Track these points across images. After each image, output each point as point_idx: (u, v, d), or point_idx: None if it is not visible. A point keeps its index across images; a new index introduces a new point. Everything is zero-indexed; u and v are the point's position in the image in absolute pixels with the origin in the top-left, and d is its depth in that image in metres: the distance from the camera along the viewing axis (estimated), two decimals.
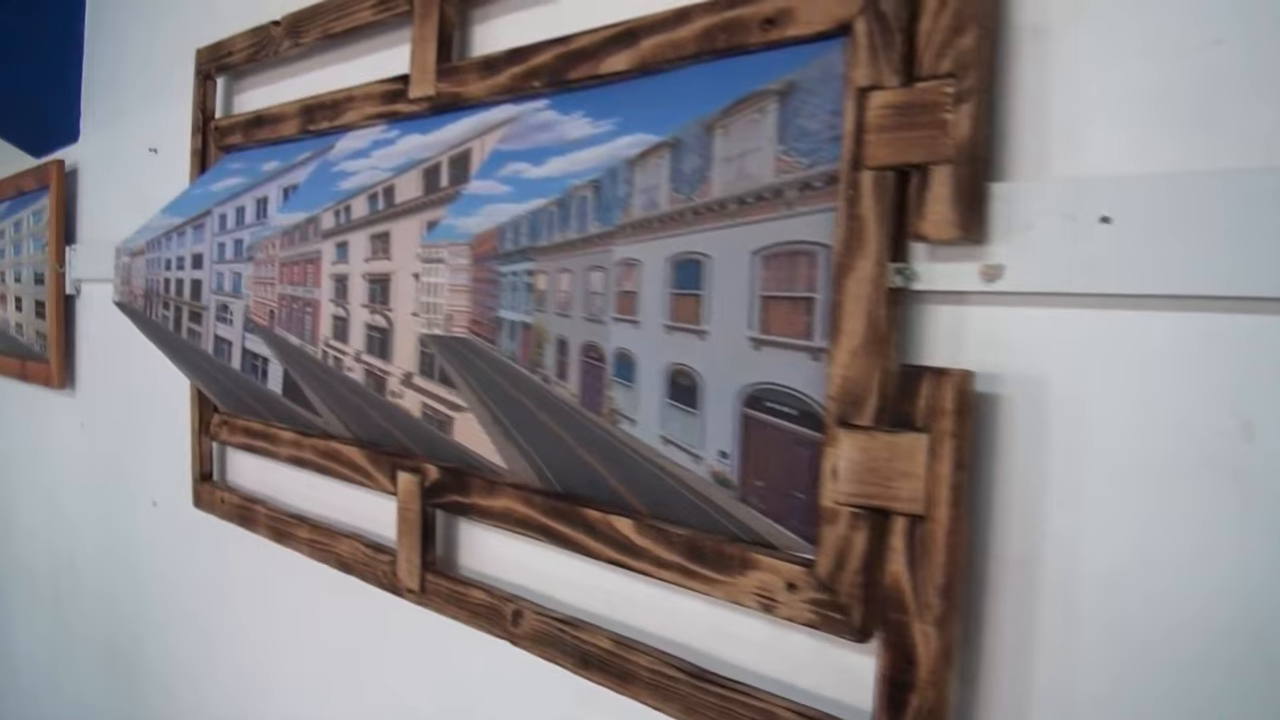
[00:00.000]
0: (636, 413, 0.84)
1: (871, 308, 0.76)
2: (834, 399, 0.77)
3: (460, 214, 0.93)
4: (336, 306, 1.16)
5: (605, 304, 0.85)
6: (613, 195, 0.84)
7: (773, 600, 0.82)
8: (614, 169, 0.83)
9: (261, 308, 1.25)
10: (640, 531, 0.92)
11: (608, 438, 0.86)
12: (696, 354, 0.80)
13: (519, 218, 0.88)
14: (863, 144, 0.76)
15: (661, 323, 0.81)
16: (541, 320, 0.88)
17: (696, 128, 0.80)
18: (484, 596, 1.11)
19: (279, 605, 1.58)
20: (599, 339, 0.85)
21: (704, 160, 0.80)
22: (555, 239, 0.87)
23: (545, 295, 0.88)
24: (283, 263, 1.22)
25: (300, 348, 1.20)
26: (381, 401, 1.12)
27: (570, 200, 0.85)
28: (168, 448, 1.85)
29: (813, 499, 0.79)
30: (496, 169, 0.95)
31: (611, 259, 0.84)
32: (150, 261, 1.50)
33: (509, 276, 0.89)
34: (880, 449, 0.75)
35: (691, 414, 0.81)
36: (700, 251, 0.79)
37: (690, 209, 0.80)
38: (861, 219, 0.76)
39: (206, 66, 1.63)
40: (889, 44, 0.76)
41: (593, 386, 0.86)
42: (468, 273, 0.92)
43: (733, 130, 0.79)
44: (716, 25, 0.87)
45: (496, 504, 1.08)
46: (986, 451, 0.76)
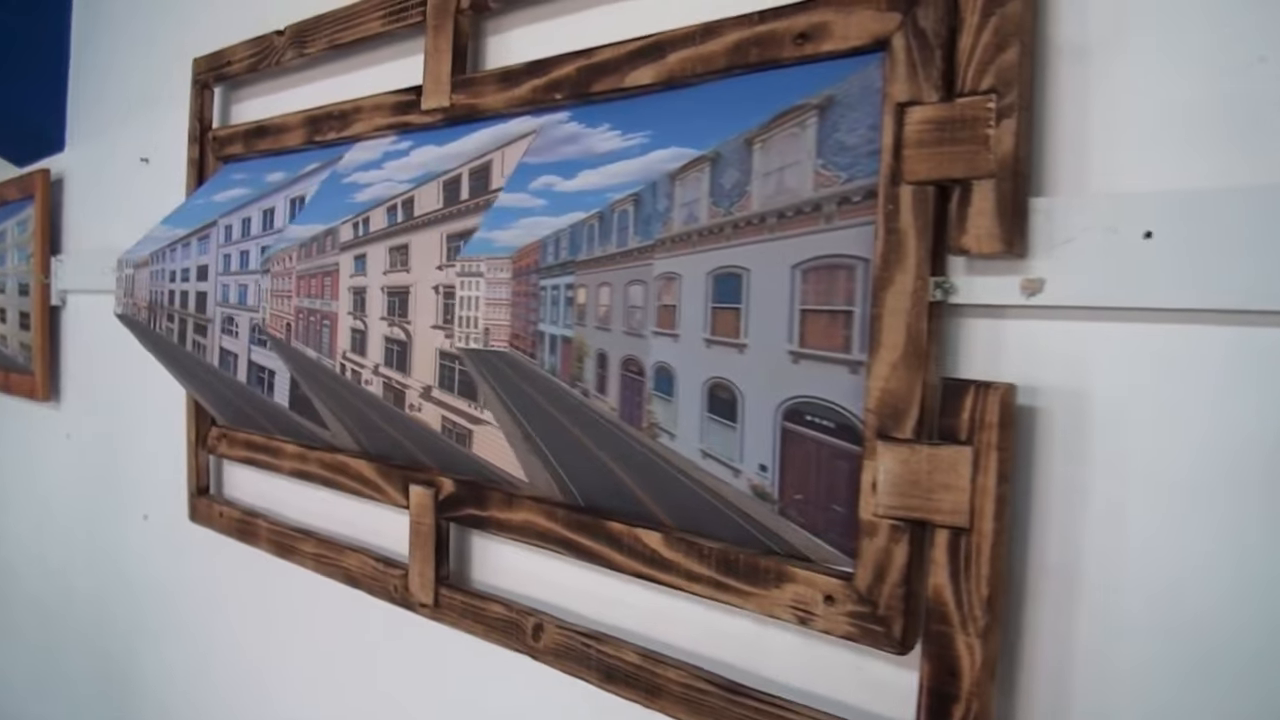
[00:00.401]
0: (676, 426, 0.83)
1: (912, 321, 0.76)
2: (873, 412, 0.78)
3: (495, 227, 0.93)
4: (355, 319, 1.15)
5: (645, 318, 0.85)
6: (653, 209, 0.84)
7: (809, 613, 0.82)
8: (654, 183, 0.83)
9: (278, 320, 1.24)
10: (669, 545, 0.92)
11: (644, 451, 0.86)
12: (736, 368, 0.80)
13: (560, 231, 0.87)
14: (901, 159, 0.77)
15: (701, 336, 0.81)
16: (582, 334, 0.88)
17: (736, 142, 0.80)
18: (502, 610, 1.11)
19: (281, 620, 1.56)
20: (639, 353, 0.85)
21: (743, 174, 0.80)
22: (596, 253, 0.86)
23: (585, 309, 0.88)
24: (299, 275, 1.20)
25: (317, 361, 1.19)
26: (399, 415, 1.11)
27: (611, 214, 0.85)
28: (159, 461, 1.82)
29: (851, 512, 0.79)
30: (527, 182, 0.95)
31: (651, 273, 0.84)
32: (154, 273, 1.48)
33: (550, 290, 0.89)
34: (922, 462, 0.75)
35: (731, 428, 0.81)
36: (740, 265, 0.79)
37: (730, 223, 0.80)
38: (901, 233, 0.76)
39: (204, 76, 1.62)
40: (928, 60, 0.76)
41: (632, 400, 0.86)
42: (508, 286, 0.91)
43: (772, 144, 0.79)
44: (748, 39, 0.87)
45: (516, 517, 1.07)
46: (1024, 463, 0.76)
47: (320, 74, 1.46)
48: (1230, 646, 0.68)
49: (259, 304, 1.26)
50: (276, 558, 1.48)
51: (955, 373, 0.78)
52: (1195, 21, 0.69)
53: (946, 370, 0.79)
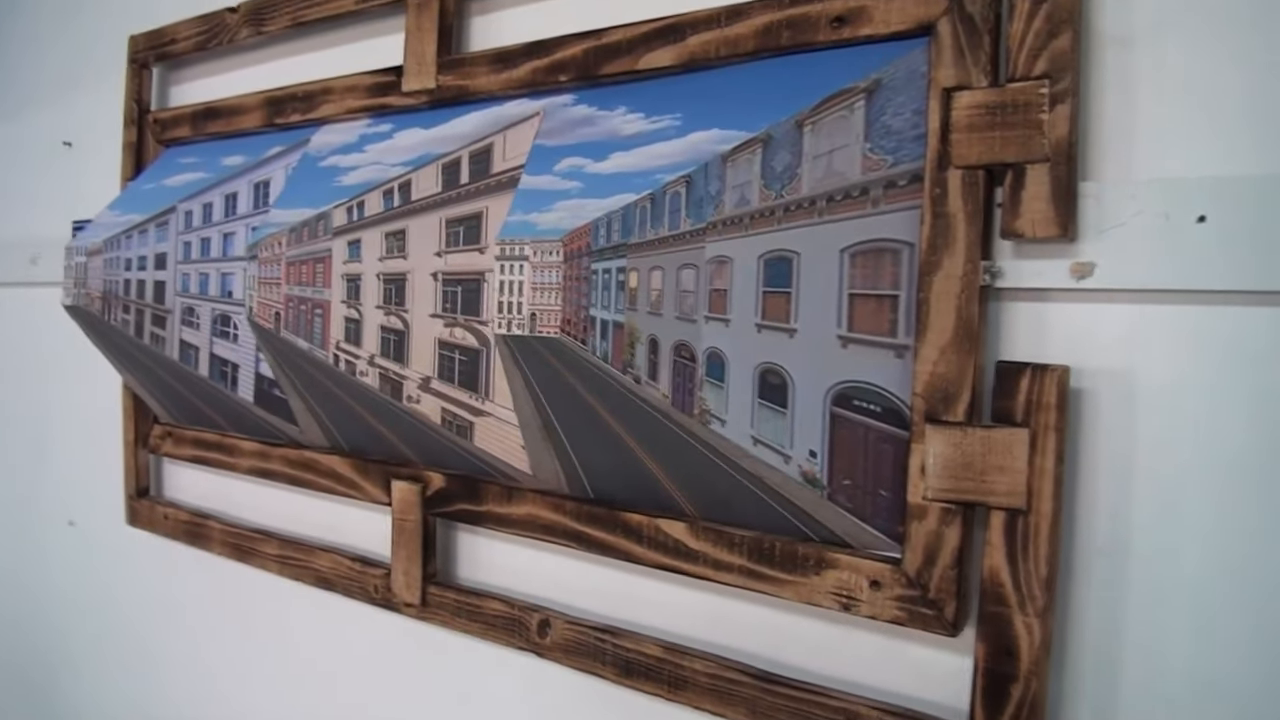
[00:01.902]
0: (727, 413, 0.82)
1: (962, 305, 0.76)
2: (921, 396, 0.77)
3: (532, 209, 0.89)
4: (349, 308, 1.09)
5: (697, 302, 0.82)
6: (704, 191, 0.82)
7: (853, 599, 0.81)
8: (706, 164, 0.81)
9: (266, 309, 1.17)
10: (695, 534, 0.90)
11: (688, 439, 0.84)
12: (786, 353, 0.79)
13: (611, 213, 0.84)
14: (949, 143, 0.76)
15: (753, 321, 0.80)
16: (633, 319, 0.85)
17: (788, 124, 0.79)
18: (502, 607, 1.07)
19: (240, 627, 1.48)
20: (691, 338, 0.83)
21: (794, 156, 0.78)
22: (648, 235, 0.84)
23: (637, 293, 0.85)
24: (289, 261, 1.14)
25: (309, 352, 1.13)
26: (394, 408, 1.06)
27: (663, 195, 0.83)
28: (87, 463, 1.71)
29: (897, 496, 0.78)
30: (550, 164, 0.91)
31: (703, 256, 0.82)
32: (109, 261, 1.38)
33: (601, 274, 0.86)
34: (975, 444, 0.75)
35: (781, 413, 0.79)
36: (790, 249, 0.78)
37: (781, 206, 0.78)
38: (949, 217, 0.76)
39: (142, 55, 1.52)
40: (976, 45, 0.76)
41: (684, 386, 0.83)
42: (558, 270, 0.87)
43: (822, 127, 0.78)
44: (779, 22, 0.86)
45: (517, 511, 1.04)
46: (1070, 444, 0.77)
47: (277, 54, 1.39)
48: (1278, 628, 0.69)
49: (245, 291, 1.19)
50: (233, 561, 1.40)
51: (999, 356, 0.78)
52: (1241, 7, 0.71)
53: (990, 354, 0.79)
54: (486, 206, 0.99)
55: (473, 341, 0.99)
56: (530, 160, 0.93)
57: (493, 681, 1.13)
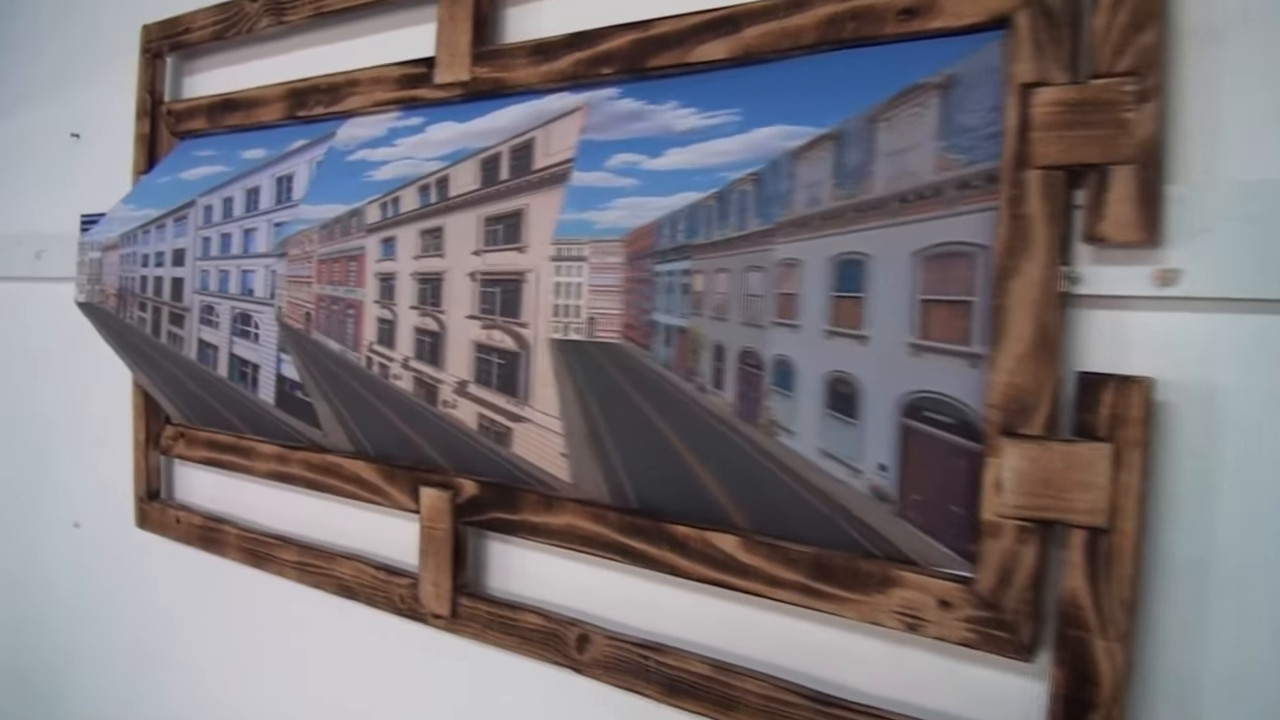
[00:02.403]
0: (795, 424, 0.79)
1: (1040, 312, 0.73)
2: (997, 407, 0.74)
3: (588, 207, 0.86)
4: (382, 308, 1.06)
5: (764, 307, 0.79)
6: (774, 190, 0.79)
7: (919, 619, 0.79)
8: (775, 162, 0.78)
9: (296, 309, 1.14)
10: (748, 549, 0.87)
11: (750, 451, 0.81)
12: (857, 361, 0.76)
13: (676, 213, 0.81)
14: (1028, 142, 0.74)
15: (822, 327, 0.77)
16: (698, 324, 0.82)
17: (859, 120, 0.76)
18: (538, 621, 1.04)
19: (253, 635, 1.45)
20: (757, 345, 0.80)
21: (867, 155, 0.76)
22: (714, 236, 0.81)
23: (702, 297, 0.82)
24: (321, 260, 1.11)
25: (341, 354, 1.10)
26: (428, 412, 1.03)
27: (730, 194, 0.80)
28: (93, 463, 1.69)
29: (969, 513, 0.76)
30: (601, 160, 0.88)
31: (772, 259, 0.79)
32: (125, 257, 1.35)
33: (665, 277, 0.83)
34: (1054, 459, 0.73)
35: (851, 424, 0.77)
36: (861, 251, 0.75)
37: (852, 206, 0.76)
38: (1027, 219, 0.73)
39: (156, 44, 1.49)
40: (1056, 39, 0.74)
41: (750, 396, 0.81)
42: (619, 272, 0.84)
43: (896, 124, 0.75)
44: (843, 14, 0.83)
45: (555, 521, 1.01)
46: (1153, 459, 0.74)
47: (297, 44, 1.36)
48: None
49: (275, 290, 1.16)
50: (247, 567, 1.37)
51: (1075, 366, 0.76)
52: None
53: (1067, 364, 0.76)
54: (527, 204, 0.96)
55: (511, 344, 0.97)
56: (579, 156, 0.91)
57: (527, 698, 1.10)
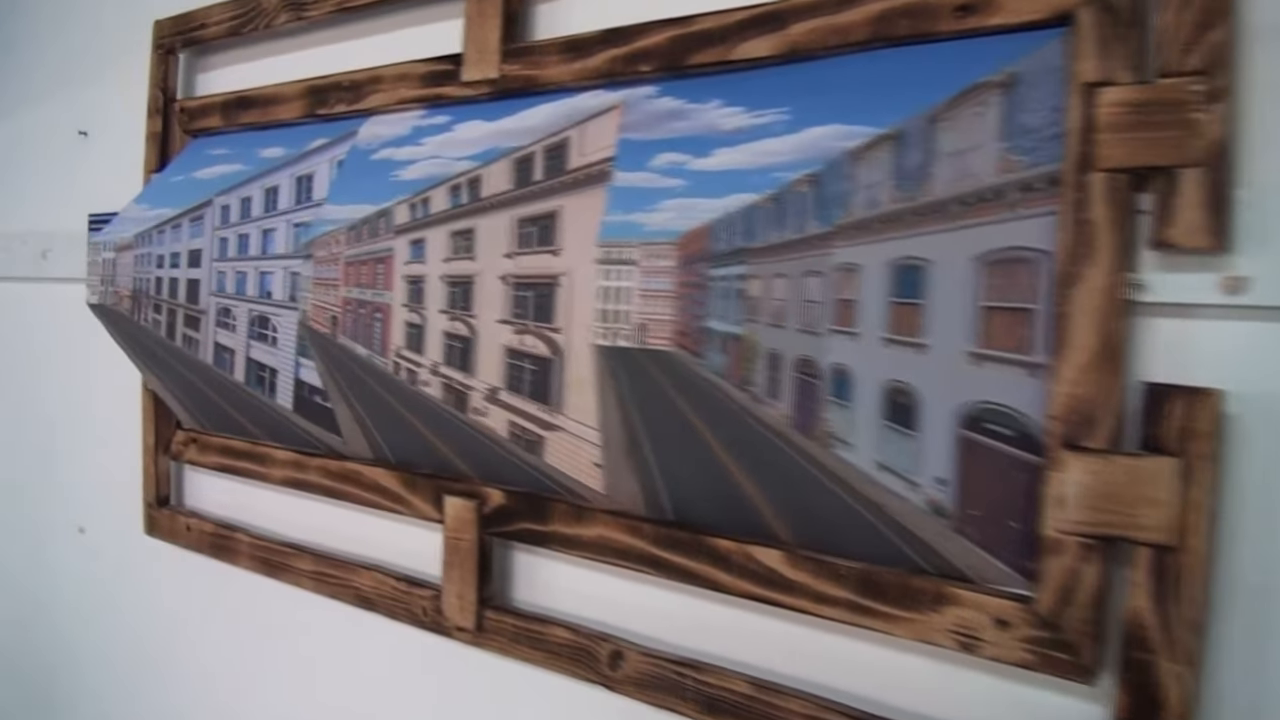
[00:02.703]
0: (852, 435, 0.76)
1: (1105, 321, 0.71)
2: (1059, 419, 0.72)
3: (634, 209, 0.84)
4: (411, 312, 1.04)
5: (822, 313, 0.77)
6: (832, 191, 0.76)
7: (975, 638, 0.77)
8: (834, 163, 0.76)
9: (322, 312, 1.11)
10: (793, 563, 0.85)
11: (802, 462, 0.79)
12: (916, 370, 0.74)
13: (732, 214, 0.79)
14: (1092, 143, 0.71)
15: (880, 335, 0.75)
16: (753, 331, 0.80)
17: (920, 120, 0.74)
18: (568, 635, 1.02)
19: (265, 646, 1.43)
20: (815, 353, 0.77)
21: (927, 155, 0.73)
22: (771, 239, 0.79)
23: (758, 303, 0.80)
24: (348, 261, 1.08)
25: (368, 359, 1.08)
26: (456, 420, 1.01)
27: (787, 196, 0.78)
28: (100, 468, 1.66)
29: (1029, 529, 0.74)
30: (643, 159, 0.86)
31: (830, 263, 0.76)
32: (140, 258, 1.33)
33: (719, 281, 0.81)
34: (1119, 474, 0.70)
35: (909, 436, 0.74)
36: (921, 256, 0.73)
37: (912, 209, 0.73)
38: (1092, 224, 0.71)
39: (169, 40, 1.47)
40: (1121, 37, 0.71)
41: (807, 406, 0.78)
42: (672, 276, 0.82)
43: (957, 124, 0.73)
44: (895, 10, 0.81)
45: (587, 533, 0.99)
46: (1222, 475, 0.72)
47: (316, 40, 1.34)
48: None
49: (300, 293, 1.13)
50: (261, 576, 1.35)
51: (1139, 376, 0.73)
52: None
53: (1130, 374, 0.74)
54: (562, 205, 0.94)
55: (544, 350, 0.94)
56: (620, 156, 0.88)
57: (555, 715, 1.07)
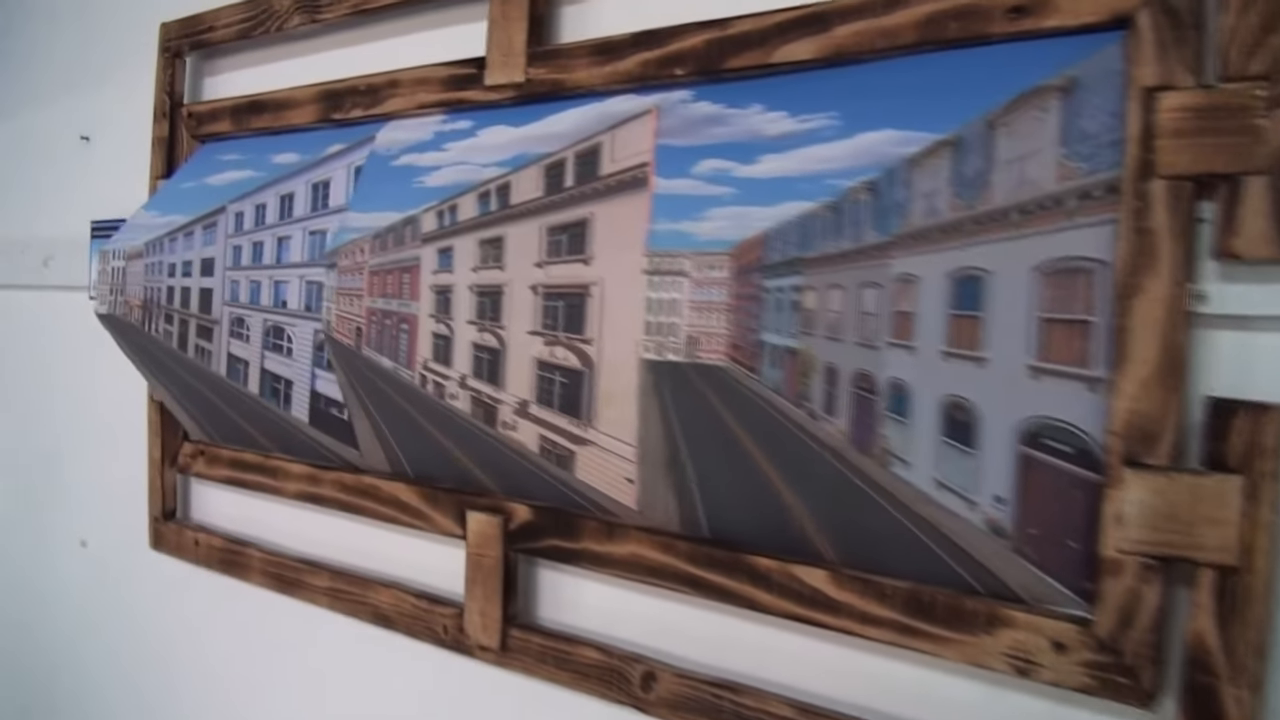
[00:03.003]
0: (910, 453, 0.75)
1: (1167, 334, 0.69)
2: (1119, 435, 0.71)
3: (679, 218, 0.82)
4: (438, 323, 1.02)
5: (880, 326, 0.75)
6: (890, 200, 0.75)
7: (1030, 662, 0.75)
8: (892, 170, 0.74)
9: (346, 323, 1.09)
10: (838, 583, 0.83)
11: (859, 482, 0.77)
12: (975, 384, 0.72)
13: (787, 223, 0.77)
14: (1152, 150, 0.70)
15: (939, 348, 0.73)
16: (809, 345, 0.78)
17: (978, 125, 0.72)
18: (598, 655, 1.00)
19: (276, 665, 1.40)
20: (872, 367, 0.76)
21: (986, 162, 0.72)
22: (827, 249, 0.77)
23: (814, 315, 0.78)
24: (373, 271, 1.06)
25: (393, 371, 1.05)
26: (484, 433, 0.99)
27: (844, 204, 0.76)
28: (103, 479, 1.64)
29: (1087, 548, 0.72)
30: (687, 166, 0.84)
31: (888, 274, 0.75)
32: (150, 267, 1.30)
33: (774, 293, 0.79)
34: (1180, 492, 0.69)
35: (968, 453, 0.73)
36: (980, 267, 0.71)
37: (971, 218, 0.72)
38: (1153, 234, 0.70)
39: (176, 43, 1.45)
40: (1181, 40, 0.70)
41: (864, 422, 0.76)
42: (725, 288, 0.80)
43: (1015, 129, 0.71)
44: (945, 12, 0.79)
45: (619, 550, 0.97)
46: None
47: (329, 43, 1.32)
48: None
49: (324, 304, 1.11)
50: (273, 593, 1.33)
51: (1200, 391, 0.72)
52: None
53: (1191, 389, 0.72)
54: (593, 212, 0.92)
55: (575, 362, 0.92)
56: (660, 162, 0.87)
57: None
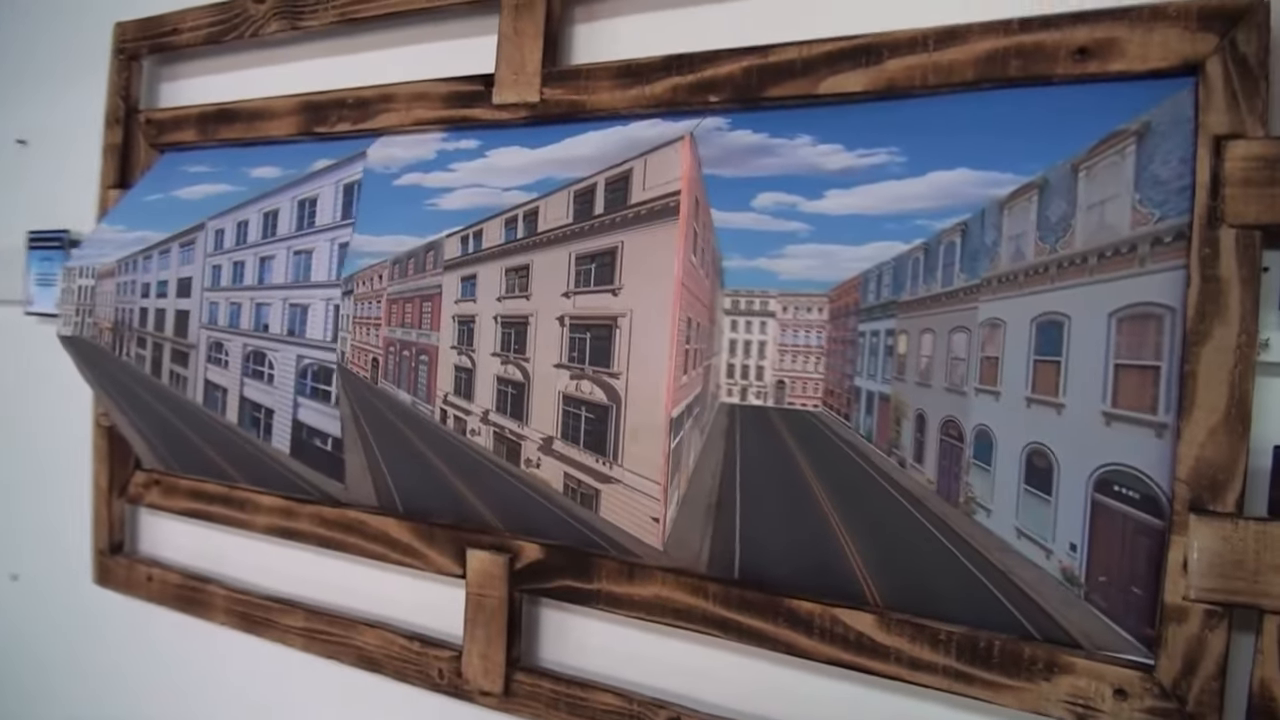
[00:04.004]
0: (993, 501, 0.75)
1: (1235, 381, 0.72)
2: (1185, 482, 0.72)
3: (754, 254, 0.81)
4: (460, 354, 0.99)
5: (968, 371, 0.76)
6: (980, 243, 0.75)
7: (1091, 708, 0.76)
8: (983, 211, 0.75)
9: (362, 354, 1.05)
10: (885, 628, 0.84)
11: (934, 530, 0.77)
12: (1053, 431, 0.73)
13: (883, 265, 0.77)
14: (1221, 198, 0.72)
15: (1023, 395, 0.74)
16: (901, 390, 0.78)
17: (1064, 168, 0.73)
18: (616, 701, 0.98)
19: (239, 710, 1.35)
20: (959, 413, 0.76)
21: (1069, 205, 0.73)
22: (919, 292, 0.77)
23: (905, 360, 0.78)
24: (391, 299, 1.03)
25: (411, 406, 1.02)
26: (504, 471, 0.97)
27: (938, 246, 0.76)
28: (38, 509, 1.56)
29: (1150, 595, 0.74)
30: (744, 199, 0.84)
31: (976, 318, 0.75)
32: (123, 286, 1.24)
33: (869, 337, 0.78)
34: (1248, 539, 0.71)
35: (1045, 501, 0.74)
36: (1061, 311, 0.72)
37: (1054, 261, 0.73)
38: (1222, 281, 0.72)
39: (133, 45, 1.39)
40: (1251, 90, 0.72)
41: (950, 470, 0.77)
42: (822, 331, 0.80)
43: (1096, 173, 0.73)
44: (1007, 50, 0.80)
45: (641, 592, 0.96)
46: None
47: (310, 52, 1.28)
48: None
49: (338, 334, 1.08)
50: (239, 633, 1.28)
51: (1263, 438, 0.74)
52: None
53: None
54: (622, 241, 0.91)
55: (601, 397, 0.91)
56: (713, 194, 0.86)
57: None
